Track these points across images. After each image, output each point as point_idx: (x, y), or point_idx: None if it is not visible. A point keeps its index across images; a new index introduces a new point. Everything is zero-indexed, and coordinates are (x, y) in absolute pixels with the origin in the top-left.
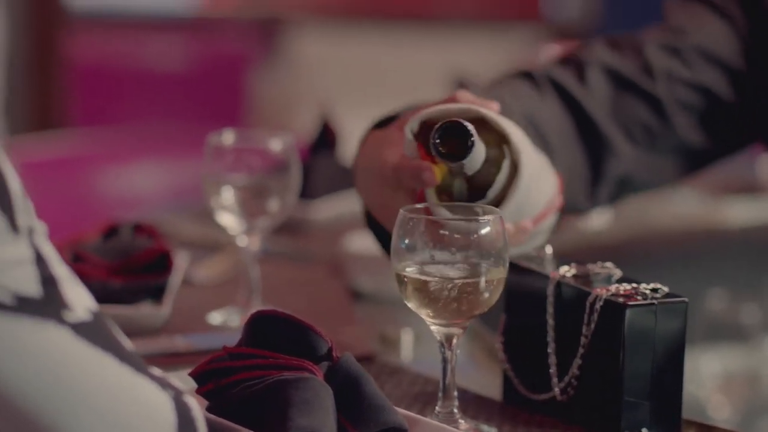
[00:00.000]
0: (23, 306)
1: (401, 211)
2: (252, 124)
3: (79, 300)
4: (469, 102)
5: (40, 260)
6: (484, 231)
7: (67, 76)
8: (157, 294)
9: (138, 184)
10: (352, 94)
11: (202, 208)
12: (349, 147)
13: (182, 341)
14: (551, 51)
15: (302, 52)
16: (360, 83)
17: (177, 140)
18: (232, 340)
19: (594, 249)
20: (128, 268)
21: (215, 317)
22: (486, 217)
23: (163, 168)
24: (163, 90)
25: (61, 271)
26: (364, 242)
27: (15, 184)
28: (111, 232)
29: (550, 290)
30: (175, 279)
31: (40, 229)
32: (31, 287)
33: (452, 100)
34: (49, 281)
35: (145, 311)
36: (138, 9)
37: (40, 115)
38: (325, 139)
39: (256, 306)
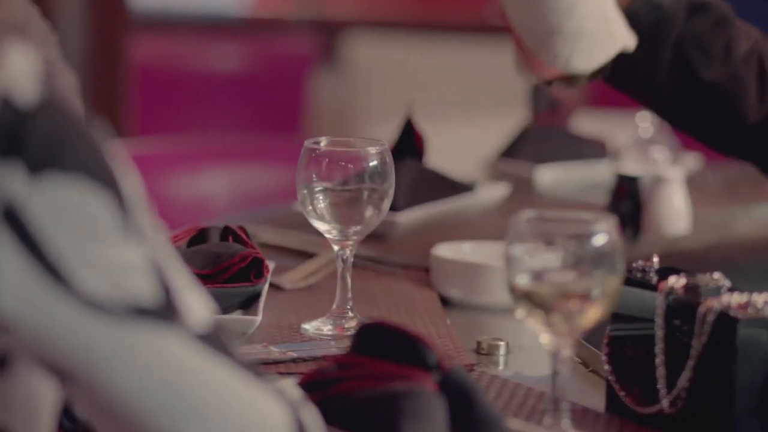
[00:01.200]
0: (139, 314)
1: (514, 217)
2: (311, 128)
3: (197, 307)
4: None
5: (157, 265)
6: (599, 238)
7: (128, 80)
8: (248, 300)
9: (205, 191)
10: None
11: (281, 214)
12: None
13: (277, 350)
14: None
15: (360, 56)
16: (417, 90)
17: (242, 145)
18: (327, 349)
19: (676, 255)
20: (219, 275)
21: (308, 326)
22: (600, 225)
23: (228, 174)
24: (221, 93)
25: (179, 275)
26: (454, 249)
27: (131, 184)
28: (198, 235)
29: (660, 301)
30: (266, 285)
31: (160, 230)
32: (148, 294)
33: None
34: (166, 287)
35: (239, 318)
36: (192, 10)
37: (102, 120)
38: (411, 144)
39: (350, 314)
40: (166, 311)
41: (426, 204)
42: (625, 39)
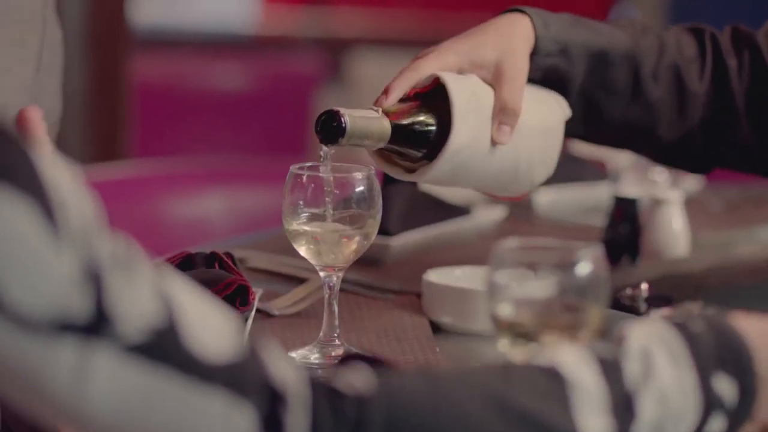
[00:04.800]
0: (65, 330)
1: (497, 246)
2: (315, 147)
3: (138, 310)
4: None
5: (91, 273)
6: (584, 267)
7: (129, 99)
8: None
9: (203, 213)
10: None
11: (273, 238)
12: None
13: None
14: None
15: (364, 74)
16: None
17: (242, 167)
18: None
19: (676, 278)
20: None
21: (295, 354)
22: (585, 253)
23: (228, 196)
24: (225, 112)
25: (123, 278)
26: (446, 274)
27: (67, 188)
28: (185, 262)
29: None
30: (252, 312)
31: (108, 235)
32: (76, 307)
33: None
34: (98, 297)
35: None
36: (195, 27)
37: (102, 141)
38: None
39: (337, 342)
40: (94, 325)
41: (420, 228)
42: (561, 115)
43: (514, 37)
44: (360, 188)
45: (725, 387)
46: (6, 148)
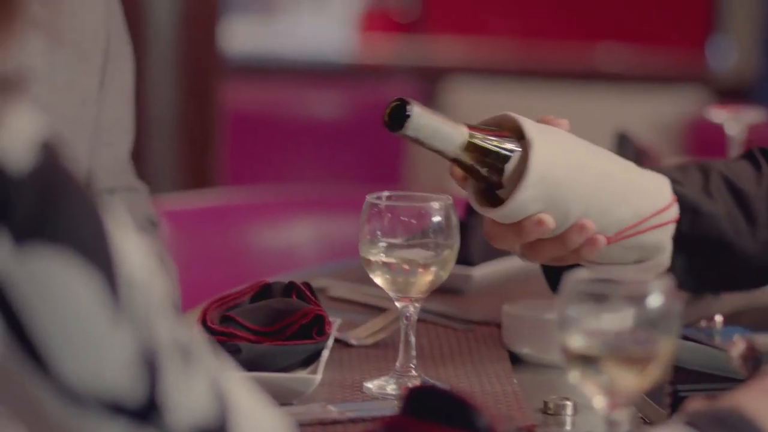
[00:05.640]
0: (113, 411)
1: (567, 278)
2: (411, 176)
3: (189, 404)
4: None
5: (147, 356)
6: (656, 299)
7: (221, 127)
8: (310, 358)
9: (292, 241)
10: None
11: (356, 266)
12: None
13: (336, 410)
14: (716, 115)
15: (460, 103)
16: None
17: (332, 195)
18: (388, 409)
19: (753, 311)
20: (281, 332)
21: (371, 384)
22: (657, 286)
23: (317, 225)
24: (318, 140)
25: (179, 366)
26: (526, 305)
27: (135, 261)
28: (262, 291)
29: (721, 365)
30: (329, 342)
31: (169, 313)
32: (127, 389)
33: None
34: (151, 382)
35: (298, 377)
36: (291, 56)
37: (193, 168)
38: None
39: (413, 373)
40: (144, 411)
41: (501, 258)
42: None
43: None
44: (437, 218)
45: None
46: (79, 211)
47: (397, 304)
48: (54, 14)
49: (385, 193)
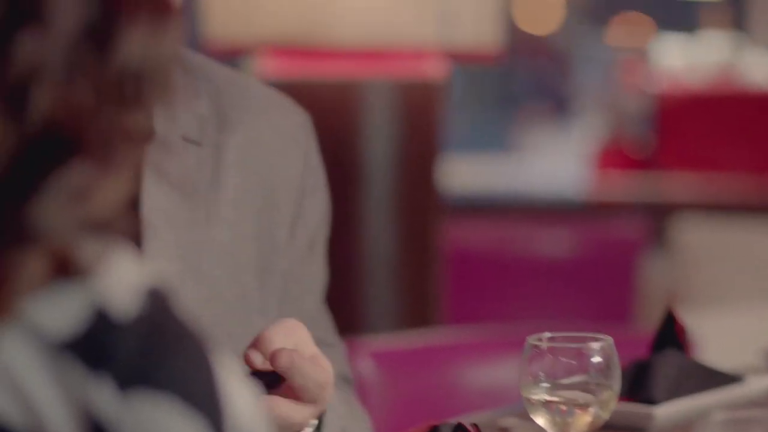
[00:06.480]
0: None
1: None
2: (640, 315)
3: None
4: None
5: None
6: None
7: (441, 266)
8: None
9: (496, 380)
10: (741, 289)
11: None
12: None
13: None
14: None
15: (691, 240)
16: (751, 280)
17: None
18: None
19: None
20: None
21: None
22: None
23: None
24: (545, 277)
25: None
26: None
27: (244, 407)
28: None
29: None
30: None
31: None
32: None
33: None
34: None
35: None
36: (517, 193)
37: (413, 307)
38: (672, 335)
39: None
40: None
41: (687, 396)
42: None
43: None
44: (597, 359)
45: None
46: (186, 358)
47: None
48: (250, 157)
49: (546, 335)
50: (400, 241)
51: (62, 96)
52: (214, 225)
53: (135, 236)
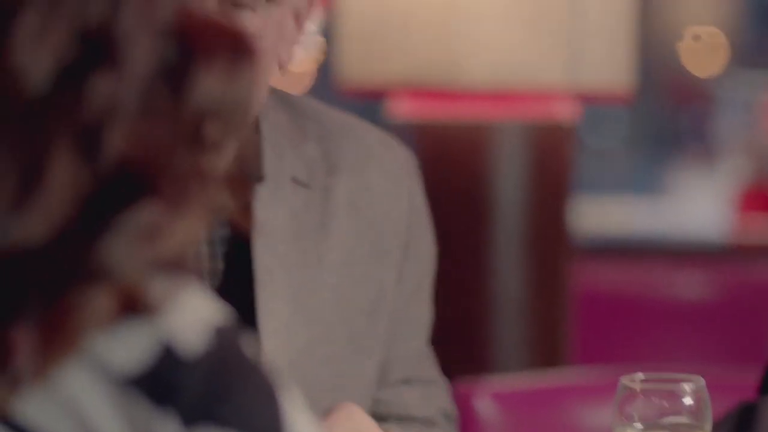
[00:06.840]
0: None
1: None
2: None
3: None
4: None
5: None
6: None
7: (570, 307)
8: None
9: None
10: None
11: None
12: None
13: None
14: None
15: None
16: None
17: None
18: None
19: None
20: None
21: None
22: None
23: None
24: (681, 321)
25: None
26: None
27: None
28: None
29: None
30: None
31: None
32: None
33: None
34: None
35: None
36: (657, 237)
37: (541, 347)
38: None
39: None
40: None
41: None
42: None
43: None
44: (689, 401)
45: None
46: (252, 395)
47: None
48: (359, 200)
49: (639, 375)
50: (530, 283)
51: (136, 136)
52: (325, 267)
53: (247, 276)
